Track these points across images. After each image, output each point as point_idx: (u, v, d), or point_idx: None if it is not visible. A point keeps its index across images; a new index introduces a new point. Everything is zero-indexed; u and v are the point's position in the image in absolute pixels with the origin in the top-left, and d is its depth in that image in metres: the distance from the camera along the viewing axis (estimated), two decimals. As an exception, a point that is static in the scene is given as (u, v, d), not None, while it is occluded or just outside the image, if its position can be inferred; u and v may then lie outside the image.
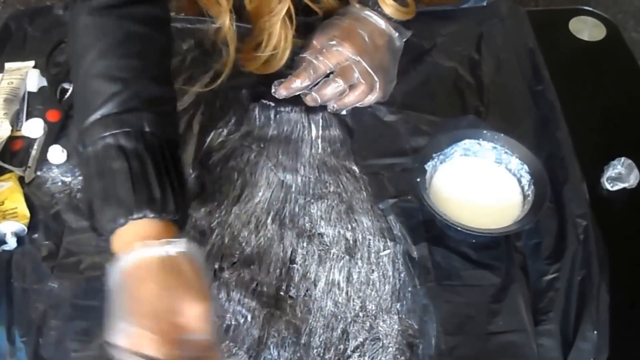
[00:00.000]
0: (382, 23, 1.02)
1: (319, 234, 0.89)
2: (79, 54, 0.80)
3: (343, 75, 1.00)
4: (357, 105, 1.02)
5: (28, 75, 1.06)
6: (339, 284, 0.84)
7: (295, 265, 0.86)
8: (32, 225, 0.90)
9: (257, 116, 1.03)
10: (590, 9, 1.22)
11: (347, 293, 0.84)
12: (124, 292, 0.68)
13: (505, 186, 0.91)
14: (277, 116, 1.03)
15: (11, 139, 1.00)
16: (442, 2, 1.19)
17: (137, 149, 0.73)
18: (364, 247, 0.88)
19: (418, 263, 0.86)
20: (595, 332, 0.79)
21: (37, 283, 0.85)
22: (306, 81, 1.00)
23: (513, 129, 0.96)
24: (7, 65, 1.09)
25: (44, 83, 1.07)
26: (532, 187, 0.88)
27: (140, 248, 0.69)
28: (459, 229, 0.83)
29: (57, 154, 0.97)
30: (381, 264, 0.86)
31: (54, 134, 1.00)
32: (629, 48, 1.16)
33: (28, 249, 0.88)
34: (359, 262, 0.86)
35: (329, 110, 1.03)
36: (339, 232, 0.88)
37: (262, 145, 0.99)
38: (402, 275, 0.85)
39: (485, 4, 1.19)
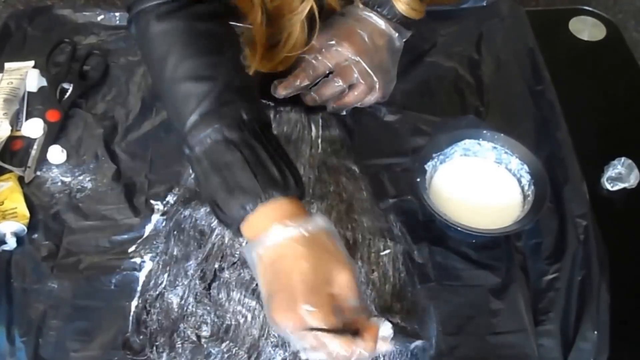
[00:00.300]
0: (382, 23, 1.02)
1: None
2: (158, 62, 0.81)
3: (342, 75, 0.99)
4: (357, 105, 1.02)
5: (28, 75, 1.06)
6: None
7: None
8: (31, 226, 0.90)
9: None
10: (591, 8, 1.22)
11: None
12: (275, 273, 0.71)
13: (505, 186, 0.91)
14: (277, 116, 1.02)
15: (11, 139, 1.00)
16: (442, 2, 1.19)
17: (243, 138, 0.74)
18: (364, 247, 0.87)
19: (418, 263, 0.86)
20: (596, 332, 0.79)
21: (36, 283, 0.85)
22: (305, 81, 1.00)
23: (513, 129, 0.96)
24: (7, 65, 1.09)
25: (44, 83, 1.07)
26: (532, 187, 0.88)
27: (280, 229, 0.71)
28: (459, 229, 0.83)
29: (56, 154, 0.97)
30: (381, 264, 0.86)
31: (53, 134, 1.00)
32: (629, 48, 1.16)
33: (28, 249, 0.88)
34: (359, 262, 0.86)
35: (328, 110, 1.03)
36: (339, 232, 0.87)
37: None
38: (402, 275, 0.85)
39: (485, 4, 1.19)
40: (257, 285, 0.83)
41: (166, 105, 0.83)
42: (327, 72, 1.00)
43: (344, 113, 1.03)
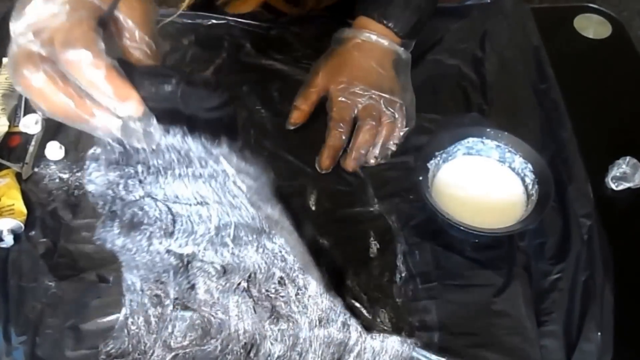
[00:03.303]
0: (384, 42, 1.00)
1: None
2: None
3: (368, 113, 0.96)
4: (397, 142, 0.98)
5: (26, 71, 1.06)
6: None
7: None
8: (29, 223, 0.89)
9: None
10: (596, 6, 1.21)
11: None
12: None
13: (509, 185, 0.90)
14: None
15: (8, 134, 1.00)
16: (445, -1, 1.18)
17: None
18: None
19: (419, 263, 0.85)
20: (599, 333, 0.79)
21: (33, 281, 0.84)
22: (342, 139, 0.96)
23: (517, 127, 0.95)
24: (5, 60, 1.08)
25: (43, 79, 1.06)
26: (536, 186, 0.88)
27: None
28: (461, 228, 0.83)
29: (54, 150, 0.96)
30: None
31: (51, 130, 1.00)
32: (635, 46, 1.16)
33: (25, 247, 0.87)
34: None
35: (372, 163, 0.96)
36: None
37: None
38: (404, 275, 0.84)
39: (489, 1, 1.18)
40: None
41: None
42: (353, 116, 0.97)
43: (389, 157, 0.98)
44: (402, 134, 0.98)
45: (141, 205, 0.76)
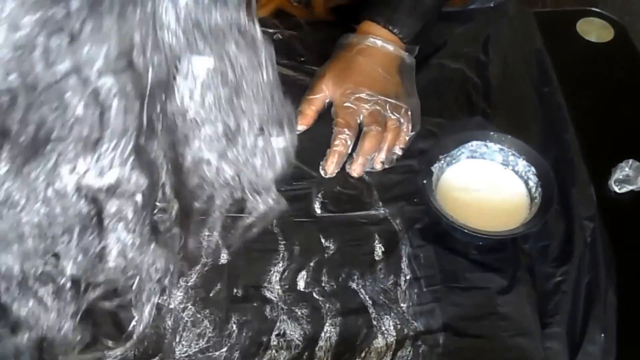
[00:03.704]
0: (389, 47, 1.00)
1: None
2: None
3: (374, 119, 0.97)
4: (402, 146, 0.98)
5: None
6: None
7: None
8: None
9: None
10: (599, 10, 1.21)
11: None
12: None
13: (512, 188, 0.91)
14: None
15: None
16: (449, 3, 1.18)
17: None
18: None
19: (424, 265, 0.86)
20: (603, 335, 0.79)
21: (41, 284, 0.84)
22: (347, 145, 0.96)
23: (520, 130, 0.96)
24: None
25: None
26: (539, 189, 0.88)
27: None
28: (465, 231, 0.83)
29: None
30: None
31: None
32: (637, 50, 1.16)
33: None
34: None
35: (378, 169, 0.96)
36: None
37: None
38: (408, 277, 0.85)
39: (492, 5, 1.18)
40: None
41: None
42: (359, 121, 0.98)
43: (394, 162, 0.98)
44: (407, 138, 0.98)
45: (61, 93, 0.54)
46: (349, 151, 0.97)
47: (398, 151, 0.98)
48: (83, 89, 0.55)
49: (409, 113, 0.99)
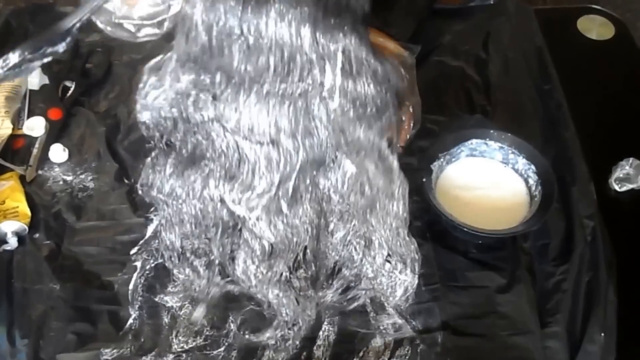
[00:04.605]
0: (389, 45, 1.00)
1: None
2: None
3: None
4: (403, 144, 0.96)
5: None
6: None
7: None
8: (33, 225, 0.89)
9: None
10: (599, 7, 1.21)
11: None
12: None
13: (512, 187, 0.90)
14: None
15: (12, 137, 0.99)
16: (448, 0, 1.18)
17: None
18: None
19: (423, 264, 0.85)
20: (603, 334, 0.78)
21: (37, 283, 0.84)
22: None
23: (520, 128, 0.96)
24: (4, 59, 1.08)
25: (46, 81, 1.06)
26: (539, 187, 0.88)
27: None
28: (465, 229, 0.83)
29: (58, 152, 0.96)
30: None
31: (55, 133, 1.00)
32: (638, 47, 1.16)
33: (29, 249, 0.87)
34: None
35: None
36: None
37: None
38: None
39: (492, 2, 1.18)
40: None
41: None
42: None
43: None
44: (408, 136, 0.98)
45: (208, 131, 0.70)
46: None
47: (398, 149, 0.97)
48: (223, 134, 0.69)
49: (410, 110, 0.98)
